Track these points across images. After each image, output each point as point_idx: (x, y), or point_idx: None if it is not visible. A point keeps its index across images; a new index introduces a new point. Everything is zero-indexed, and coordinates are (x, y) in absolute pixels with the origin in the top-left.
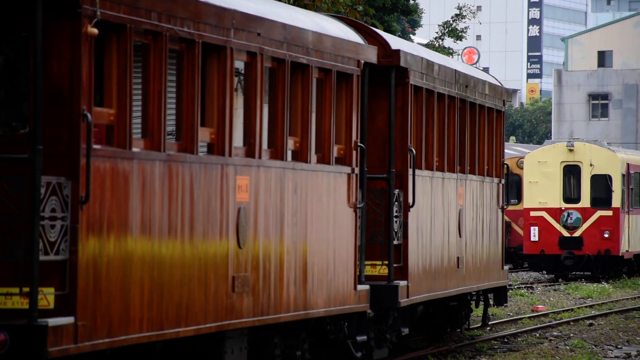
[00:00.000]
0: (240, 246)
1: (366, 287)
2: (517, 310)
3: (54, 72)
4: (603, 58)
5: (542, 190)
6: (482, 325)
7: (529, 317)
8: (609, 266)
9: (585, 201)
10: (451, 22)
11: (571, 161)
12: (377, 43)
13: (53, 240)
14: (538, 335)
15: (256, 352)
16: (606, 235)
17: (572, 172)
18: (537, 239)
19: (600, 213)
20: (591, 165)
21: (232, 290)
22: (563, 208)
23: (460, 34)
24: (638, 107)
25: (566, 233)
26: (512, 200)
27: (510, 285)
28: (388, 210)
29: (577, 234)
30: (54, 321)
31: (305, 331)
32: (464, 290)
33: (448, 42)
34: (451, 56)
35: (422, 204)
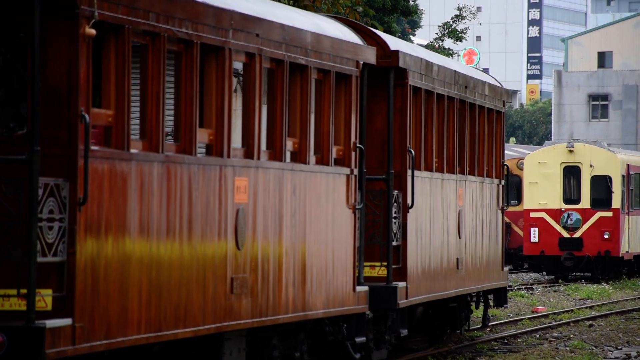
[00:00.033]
0: (238, 247)
1: (365, 289)
2: (517, 311)
3: (52, 73)
4: (603, 59)
5: (542, 191)
6: (482, 326)
7: (529, 318)
8: (609, 267)
9: (585, 202)
10: (451, 23)
11: (571, 162)
12: (376, 44)
13: (51, 241)
14: (538, 336)
15: (255, 354)
16: (606, 236)
17: (572, 173)
18: (537, 240)
19: (600, 214)
20: (591, 166)
21: (231, 291)
22: (563, 209)
23: (460, 35)
24: (638, 108)
25: (566, 234)
26: (512, 201)
27: (510, 286)
28: (387, 211)
29: (577, 235)
30: (52, 323)
31: (304, 332)
32: (464, 291)
33: (448, 43)
34: (451, 57)
35: (421, 205)
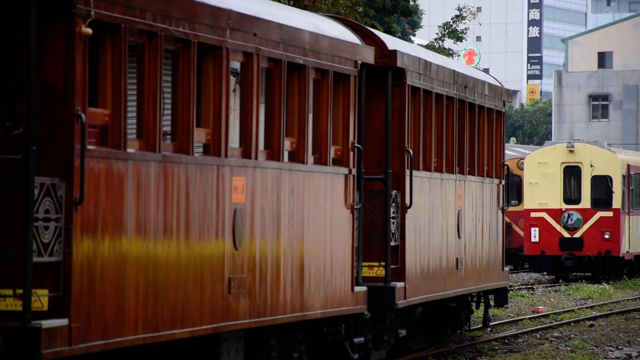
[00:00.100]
0: (236, 247)
1: (363, 289)
2: (518, 311)
3: (48, 72)
4: (603, 59)
5: (543, 191)
6: (483, 326)
7: (530, 318)
8: (610, 267)
9: (585, 202)
10: (451, 23)
11: (571, 162)
12: (374, 43)
13: (47, 241)
14: (539, 336)
15: (253, 354)
16: (607, 236)
17: (573, 173)
18: (538, 240)
19: (600, 214)
20: (591, 166)
21: (228, 291)
22: (563, 209)
23: (460, 35)
24: (638, 108)
25: (566, 234)
26: (513, 201)
27: (510, 286)
28: (385, 211)
29: (578, 235)
30: (48, 323)
31: (302, 333)
32: (463, 291)
33: (448, 43)
34: (451, 57)
35: (420, 205)
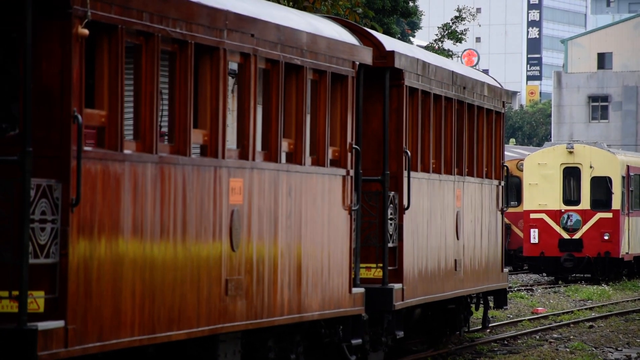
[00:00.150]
0: (233, 249)
1: (361, 290)
2: (517, 312)
3: (44, 73)
4: (603, 60)
5: (542, 192)
6: (482, 327)
7: (529, 320)
8: (609, 268)
9: (585, 203)
10: (451, 24)
11: (571, 163)
12: (372, 44)
13: (43, 243)
14: (538, 337)
15: (250, 356)
16: (606, 237)
17: (572, 174)
18: (537, 241)
19: (600, 215)
20: (591, 167)
21: (226, 293)
22: (563, 210)
23: (459, 36)
24: (638, 109)
25: (566, 235)
26: (512, 202)
27: (510, 287)
28: (383, 212)
29: (577, 236)
30: (44, 325)
31: (299, 334)
32: (462, 293)
33: (448, 44)
34: (451, 58)
35: (418, 206)
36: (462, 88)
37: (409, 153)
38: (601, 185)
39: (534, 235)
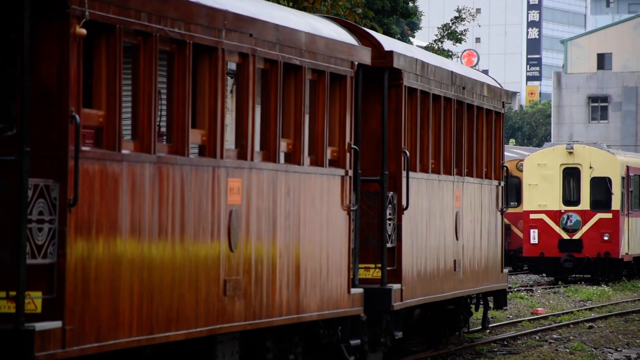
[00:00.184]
0: (232, 249)
1: (360, 291)
2: (517, 312)
3: (42, 73)
4: (602, 60)
5: (542, 192)
6: (482, 328)
7: (529, 320)
8: (609, 269)
9: (584, 204)
10: (450, 25)
11: (571, 164)
12: (370, 44)
13: (40, 243)
14: (538, 337)
15: (248, 356)
16: (606, 237)
17: (572, 175)
18: (537, 242)
19: (599, 216)
20: (591, 167)
21: (224, 293)
22: (563, 210)
23: (459, 37)
24: (637, 110)
25: (566, 236)
26: (512, 202)
27: (510, 287)
28: (381, 213)
29: (577, 237)
30: (41, 325)
31: (298, 335)
32: (461, 293)
33: (447, 45)
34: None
35: (417, 207)
36: (462, 88)
37: (408, 153)
38: (601, 185)
39: (534, 235)
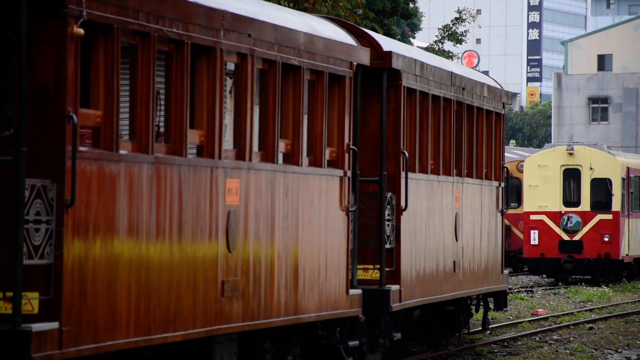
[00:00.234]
0: (230, 250)
1: (358, 292)
2: (517, 314)
3: (39, 73)
4: (603, 61)
5: (542, 193)
6: (482, 329)
7: (529, 321)
8: (609, 270)
9: (585, 205)
10: (451, 26)
11: (571, 165)
12: (369, 45)
13: (37, 244)
14: (538, 339)
15: (246, 357)
16: (606, 239)
17: (572, 176)
18: (537, 243)
19: (600, 217)
20: (591, 169)
21: (222, 294)
22: (563, 212)
23: (460, 38)
24: (638, 111)
25: (566, 237)
26: (512, 203)
27: (510, 288)
28: (380, 213)
29: (577, 238)
30: (38, 326)
31: (296, 336)
32: (461, 294)
33: (448, 46)
34: (451, 59)
35: (416, 208)
36: (462, 89)
37: (407, 154)
38: (601, 186)
39: (534, 236)
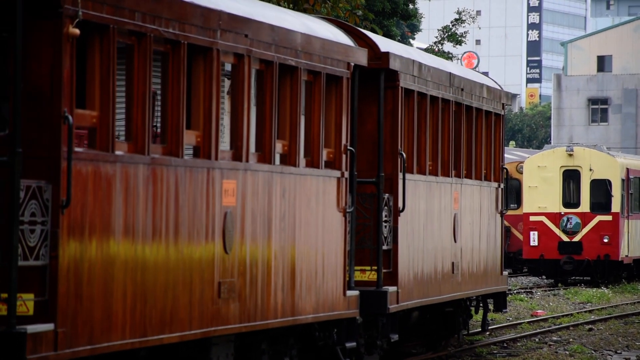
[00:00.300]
0: (226, 251)
1: (355, 293)
2: (517, 315)
3: (35, 73)
4: (602, 63)
5: (542, 195)
6: (482, 330)
7: (529, 322)
8: (609, 271)
9: (584, 206)
10: (451, 27)
11: (571, 166)
12: (367, 45)
13: (32, 245)
14: (537, 340)
15: (243, 359)
16: (606, 240)
17: (572, 177)
18: (537, 244)
19: (599, 218)
20: (591, 170)
21: (218, 295)
22: (562, 213)
23: (459, 39)
24: (637, 112)
25: (566, 238)
26: (512, 204)
27: (509, 290)
28: (377, 214)
29: (577, 239)
30: (33, 328)
31: (293, 337)
32: (460, 296)
33: (447, 47)
34: (451, 61)
35: (414, 209)
36: (460, 90)
37: (404, 155)
38: (601, 188)
39: (534, 237)
